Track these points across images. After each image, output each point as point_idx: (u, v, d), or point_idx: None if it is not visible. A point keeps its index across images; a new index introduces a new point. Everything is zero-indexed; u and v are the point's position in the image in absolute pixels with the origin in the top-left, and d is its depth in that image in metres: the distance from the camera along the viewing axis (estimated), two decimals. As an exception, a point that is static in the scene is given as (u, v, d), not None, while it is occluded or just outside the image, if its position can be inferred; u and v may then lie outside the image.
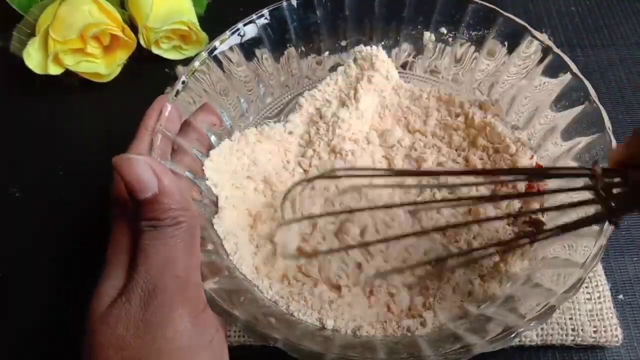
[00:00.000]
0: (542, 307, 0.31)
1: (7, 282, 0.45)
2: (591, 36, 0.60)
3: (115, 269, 0.32)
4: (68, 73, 0.56)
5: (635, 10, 0.62)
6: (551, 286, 0.33)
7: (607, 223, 0.33)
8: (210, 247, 0.37)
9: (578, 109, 0.40)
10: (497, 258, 0.39)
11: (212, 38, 0.47)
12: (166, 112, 0.39)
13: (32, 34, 0.56)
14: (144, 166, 0.31)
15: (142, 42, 0.57)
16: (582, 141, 0.39)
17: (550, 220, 0.40)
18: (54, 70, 0.55)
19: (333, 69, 0.49)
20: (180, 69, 0.58)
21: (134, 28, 0.57)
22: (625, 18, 0.61)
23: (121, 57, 0.57)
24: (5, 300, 0.44)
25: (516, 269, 0.38)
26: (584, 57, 0.58)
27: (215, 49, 0.43)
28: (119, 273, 0.32)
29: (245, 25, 0.45)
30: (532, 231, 0.39)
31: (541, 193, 0.40)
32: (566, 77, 0.41)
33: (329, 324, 0.36)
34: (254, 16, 0.45)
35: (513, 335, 0.30)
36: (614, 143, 0.37)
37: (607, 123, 0.38)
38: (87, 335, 0.31)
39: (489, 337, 0.31)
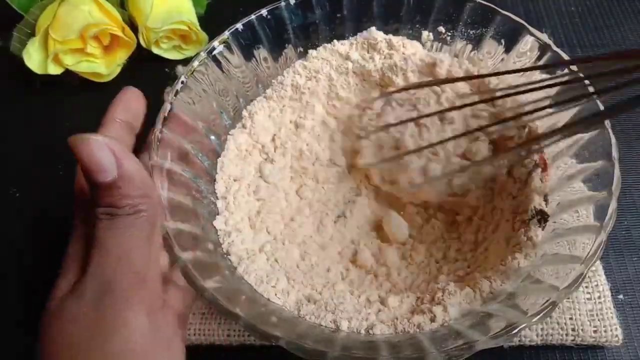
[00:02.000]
0: (544, 303, 0.31)
1: (7, 282, 0.45)
2: (591, 36, 0.60)
3: (72, 263, 0.30)
4: (68, 73, 0.56)
5: (635, 10, 0.62)
6: (552, 282, 0.33)
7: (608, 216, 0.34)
8: (210, 246, 0.37)
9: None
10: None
11: (212, 38, 0.47)
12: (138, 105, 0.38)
13: (32, 34, 0.56)
14: (102, 147, 0.29)
15: (142, 42, 0.57)
16: (582, 138, 0.39)
17: (553, 216, 0.40)
18: (54, 70, 0.55)
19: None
20: (180, 69, 0.58)
21: (134, 28, 0.57)
22: (625, 18, 0.61)
23: (121, 57, 0.57)
24: (5, 300, 0.44)
25: (521, 264, 0.38)
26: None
27: (213, 49, 0.44)
28: (75, 267, 0.30)
29: (243, 25, 0.45)
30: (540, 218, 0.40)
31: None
32: (564, 74, 0.41)
33: (344, 325, 0.36)
34: (253, 16, 0.45)
35: (515, 331, 0.30)
36: (613, 140, 0.37)
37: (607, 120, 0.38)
38: (39, 333, 0.29)
39: (491, 334, 0.31)
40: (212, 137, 0.43)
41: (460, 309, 0.36)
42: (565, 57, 0.41)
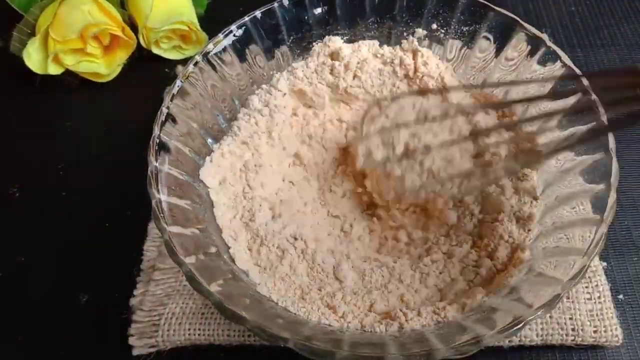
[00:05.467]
0: (548, 296, 0.31)
1: (7, 282, 0.45)
2: (591, 36, 0.60)
3: None
4: (68, 73, 0.56)
5: (635, 10, 0.62)
6: (554, 275, 0.33)
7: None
8: (212, 250, 0.37)
9: (573, 98, 0.40)
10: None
11: (212, 38, 0.47)
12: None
13: (32, 34, 0.56)
14: None
15: (142, 42, 0.57)
16: (579, 131, 0.39)
17: (552, 209, 0.40)
18: (54, 70, 0.55)
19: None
20: (180, 69, 0.58)
21: (134, 28, 0.57)
22: (625, 18, 0.61)
23: (121, 57, 0.57)
24: (5, 301, 0.44)
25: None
26: (584, 57, 0.58)
27: (208, 52, 0.44)
28: None
29: (238, 27, 0.45)
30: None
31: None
32: (559, 68, 0.41)
33: (354, 324, 0.36)
34: (246, 18, 0.45)
35: (521, 325, 0.31)
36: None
37: (603, 112, 0.38)
38: None
39: (498, 328, 0.31)
40: (209, 140, 0.43)
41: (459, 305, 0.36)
42: (558, 50, 0.42)
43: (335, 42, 0.48)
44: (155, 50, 0.58)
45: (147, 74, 0.58)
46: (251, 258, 0.40)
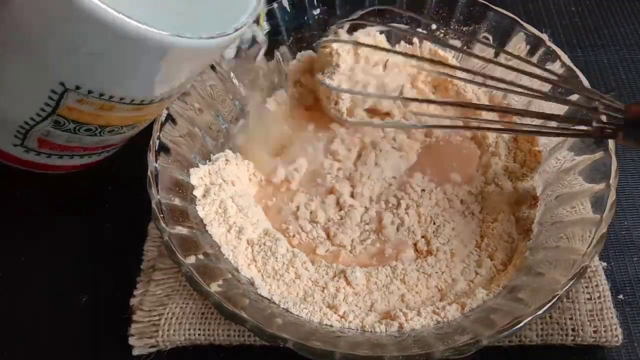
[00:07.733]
0: (548, 296, 0.31)
1: (7, 282, 0.45)
2: (591, 36, 0.60)
3: None
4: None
5: (635, 10, 0.62)
6: (555, 275, 0.33)
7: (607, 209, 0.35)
8: (210, 250, 0.37)
9: (572, 98, 0.40)
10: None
11: (211, 38, 0.47)
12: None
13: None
14: None
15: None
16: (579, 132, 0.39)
17: (552, 209, 0.40)
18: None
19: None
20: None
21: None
22: (625, 18, 0.61)
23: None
24: (5, 301, 0.44)
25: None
26: (584, 57, 0.58)
27: None
28: None
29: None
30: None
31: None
32: (558, 68, 0.41)
33: (353, 323, 0.36)
34: None
35: (521, 325, 0.31)
36: None
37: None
38: None
39: (497, 328, 0.31)
40: (210, 141, 0.43)
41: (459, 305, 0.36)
42: (558, 50, 0.42)
43: None
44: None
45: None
46: (255, 268, 0.40)
